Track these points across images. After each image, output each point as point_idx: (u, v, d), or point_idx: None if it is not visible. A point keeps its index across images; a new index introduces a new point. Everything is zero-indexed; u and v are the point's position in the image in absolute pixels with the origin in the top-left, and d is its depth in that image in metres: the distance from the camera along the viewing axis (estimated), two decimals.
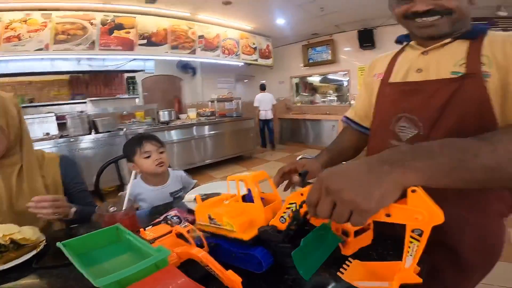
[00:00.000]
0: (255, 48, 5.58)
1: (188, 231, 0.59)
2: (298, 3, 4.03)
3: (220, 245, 0.59)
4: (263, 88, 6.04)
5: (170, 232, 0.63)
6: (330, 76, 6.55)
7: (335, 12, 4.42)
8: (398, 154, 0.41)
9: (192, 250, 0.52)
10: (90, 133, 3.57)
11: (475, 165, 0.39)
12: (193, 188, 1.30)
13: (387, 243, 0.62)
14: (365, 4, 3.80)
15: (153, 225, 0.75)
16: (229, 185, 0.66)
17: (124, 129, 3.77)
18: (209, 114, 5.17)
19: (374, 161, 0.41)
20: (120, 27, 3.79)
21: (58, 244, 0.54)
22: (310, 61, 6.33)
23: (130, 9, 3.84)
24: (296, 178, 0.81)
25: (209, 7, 4.13)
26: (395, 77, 0.77)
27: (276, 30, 5.40)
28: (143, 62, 4.37)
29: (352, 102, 5.76)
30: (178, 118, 5.02)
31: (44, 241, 0.73)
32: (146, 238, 0.60)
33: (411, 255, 0.40)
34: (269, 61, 5.98)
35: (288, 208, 0.52)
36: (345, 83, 6.15)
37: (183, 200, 1.03)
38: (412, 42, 0.76)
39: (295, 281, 0.55)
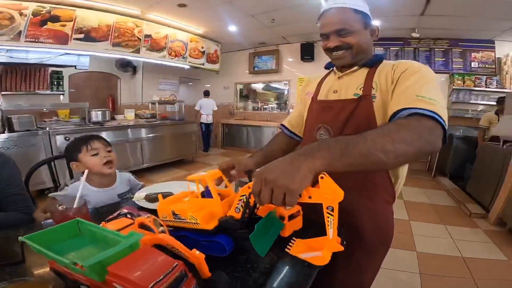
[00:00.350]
0: (203, 52, 5.57)
1: (150, 221, 0.64)
2: (252, 12, 4.20)
3: (186, 236, 0.66)
4: (207, 94, 6.43)
5: (132, 223, 0.67)
6: (273, 85, 6.91)
7: (284, 24, 4.72)
8: (308, 149, 0.56)
9: (158, 236, 0.57)
10: (3, 132, 3.06)
11: (354, 152, 0.55)
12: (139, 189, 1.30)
13: (314, 228, 0.78)
14: (309, 19, 4.17)
15: (108, 221, 0.76)
16: (189, 184, 0.73)
17: (47, 128, 3.34)
18: (149, 116, 4.94)
19: (294, 155, 0.56)
20: (55, 19, 3.42)
21: (21, 238, 0.53)
22: (256, 68, 6.58)
23: (70, 2, 3.50)
24: (233, 172, 0.94)
25: (162, 7, 4.00)
26: (320, 96, 0.99)
27: (226, 36, 5.49)
28: (77, 57, 3.95)
29: (290, 110, 6.22)
30: (113, 118, 4.67)
31: None
32: None
33: (331, 228, 0.54)
34: (216, 66, 6.02)
35: (240, 199, 0.63)
36: (286, 92, 6.56)
37: (133, 199, 1.04)
38: (334, 68, 0.99)
39: (248, 258, 0.66)
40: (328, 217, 0.53)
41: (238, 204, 0.64)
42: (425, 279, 1.89)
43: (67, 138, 3.39)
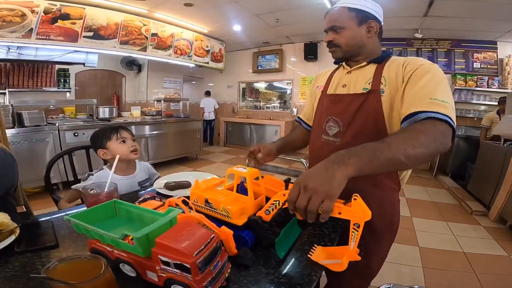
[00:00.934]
0: (208, 51, 5.63)
1: (182, 202, 0.69)
2: (257, 12, 4.26)
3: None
4: (208, 93, 7.01)
5: (162, 205, 0.72)
6: (275, 84, 6.97)
7: (288, 24, 4.78)
8: (339, 157, 0.61)
9: (190, 213, 0.63)
10: (13, 127, 3.12)
11: (381, 157, 0.62)
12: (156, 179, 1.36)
13: None
14: (314, 19, 4.26)
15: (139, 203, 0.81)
16: (227, 176, 0.78)
17: (56, 124, 3.40)
18: (154, 113, 5.00)
19: (327, 163, 0.60)
20: (65, 17, 3.49)
21: (66, 217, 0.57)
22: (259, 68, 6.64)
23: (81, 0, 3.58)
24: (260, 155, 1.03)
25: (169, 6, 4.07)
26: (330, 90, 1.05)
27: (231, 36, 5.55)
28: (85, 55, 4.01)
29: (294, 109, 6.29)
30: (119, 115, 4.74)
31: (19, 226, 0.70)
32: None
33: (353, 241, 0.60)
34: (220, 65, 6.09)
35: (273, 204, 0.68)
36: (288, 91, 6.61)
37: (153, 187, 1.10)
38: (343, 63, 1.04)
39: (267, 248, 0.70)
40: (353, 232, 0.58)
41: (269, 207, 0.68)
42: (428, 272, 1.94)
43: (76, 134, 3.45)
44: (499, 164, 2.93)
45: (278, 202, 0.66)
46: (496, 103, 3.95)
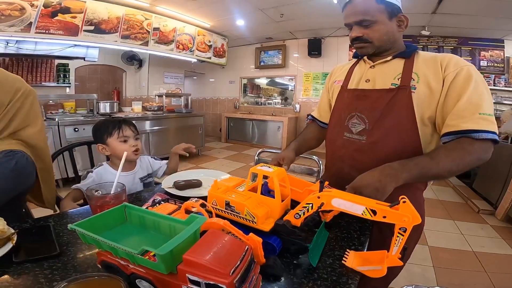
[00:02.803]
0: (210, 46, 5.53)
1: (200, 205, 0.63)
2: (261, 7, 4.17)
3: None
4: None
5: (179, 208, 0.66)
6: (277, 80, 6.86)
7: (292, 19, 4.68)
8: (393, 171, 0.72)
9: (212, 220, 0.57)
10: None
11: (429, 174, 0.74)
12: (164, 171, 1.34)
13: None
14: (319, 14, 4.19)
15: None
16: (250, 175, 0.70)
17: (56, 119, 3.33)
18: (156, 108, 4.92)
19: (381, 175, 0.71)
20: (66, 10, 3.38)
21: (70, 226, 0.49)
22: (262, 63, 6.55)
23: None
24: (285, 167, 0.98)
25: (171, 0, 3.97)
26: (351, 84, 0.98)
27: (234, 31, 5.45)
28: (86, 49, 3.91)
29: (297, 105, 6.22)
30: (120, 110, 4.66)
31: (16, 233, 0.63)
32: None
33: (397, 246, 0.56)
34: (222, 60, 5.99)
35: (305, 207, 0.61)
36: (291, 87, 6.52)
37: (162, 186, 1.04)
38: (365, 57, 0.98)
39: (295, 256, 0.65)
40: (398, 236, 0.55)
41: (300, 211, 0.61)
42: (439, 272, 1.91)
43: (76, 129, 3.38)
44: (507, 163, 2.89)
45: (311, 205, 0.60)
46: (502, 102, 3.90)
